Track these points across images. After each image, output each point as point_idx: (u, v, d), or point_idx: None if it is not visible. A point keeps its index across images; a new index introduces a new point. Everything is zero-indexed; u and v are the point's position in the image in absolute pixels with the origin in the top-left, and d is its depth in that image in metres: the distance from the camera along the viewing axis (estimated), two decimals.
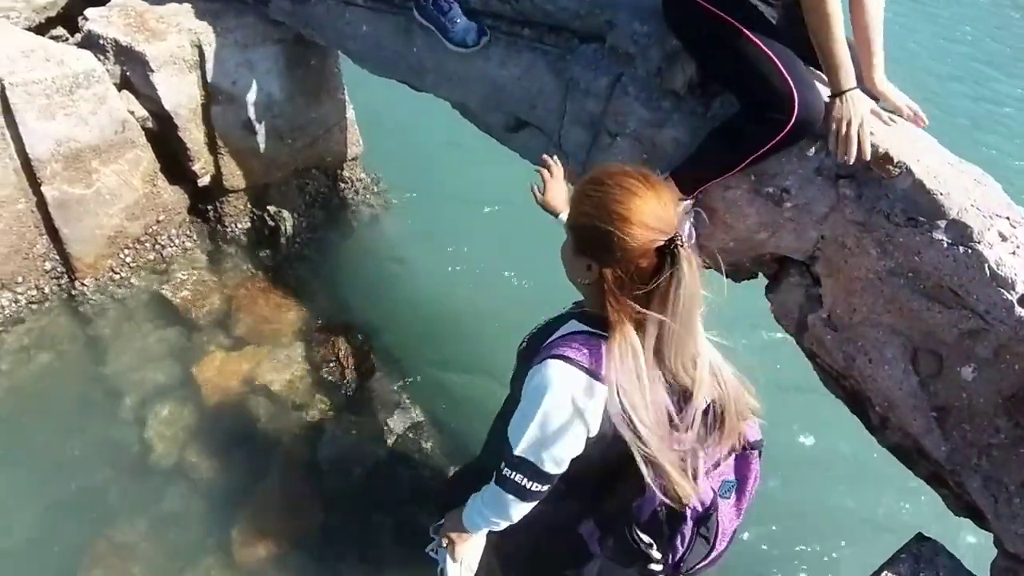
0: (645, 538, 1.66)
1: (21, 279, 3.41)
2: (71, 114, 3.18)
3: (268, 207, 4.05)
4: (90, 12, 3.47)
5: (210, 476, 3.07)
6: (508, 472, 1.59)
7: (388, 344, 3.76)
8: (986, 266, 1.87)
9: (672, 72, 2.32)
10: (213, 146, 3.74)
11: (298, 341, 3.60)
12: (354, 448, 3.19)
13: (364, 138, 4.39)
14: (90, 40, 3.38)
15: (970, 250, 1.88)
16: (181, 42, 3.40)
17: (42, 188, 3.24)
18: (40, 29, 3.57)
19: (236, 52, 3.53)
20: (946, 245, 1.91)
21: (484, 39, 2.73)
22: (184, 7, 3.57)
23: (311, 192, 4.28)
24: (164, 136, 3.62)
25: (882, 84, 2.16)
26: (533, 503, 1.66)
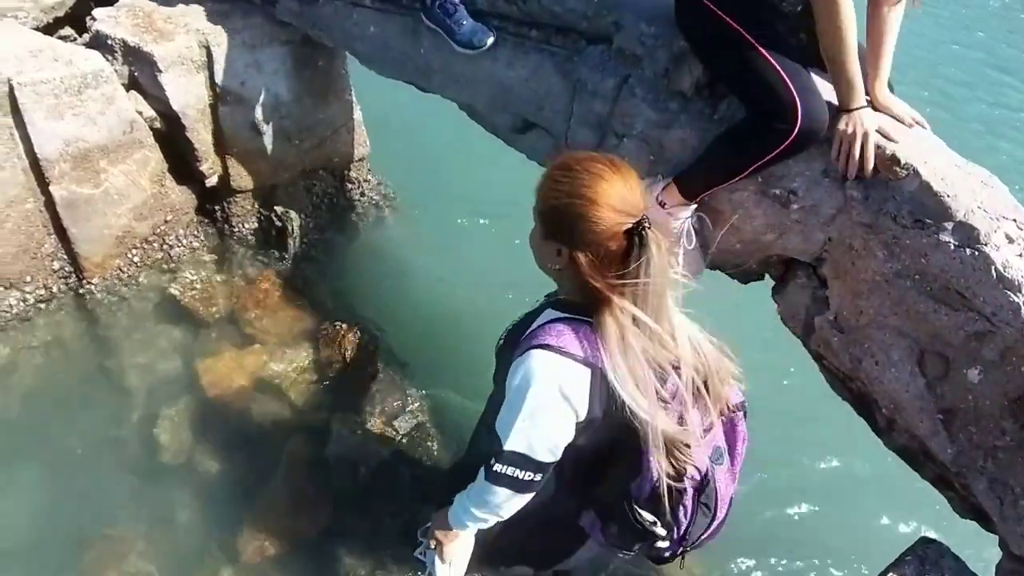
0: (648, 516, 1.68)
1: (29, 278, 3.43)
2: (79, 114, 3.20)
3: (275, 208, 4.06)
4: (98, 12, 3.48)
5: (216, 475, 3.08)
6: (500, 467, 1.59)
7: (394, 345, 3.76)
8: (993, 268, 1.86)
9: (679, 73, 2.32)
10: (221, 147, 3.75)
11: (304, 341, 3.61)
12: (360, 448, 3.19)
13: (371, 139, 4.40)
14: (98, 40, 3.39)
15: (977, 252, 1.88)
16: (189, 43, 3.41)
17: (50, 188, 3.26)
18: (48, 29, 3.59)
19: (244, 53, 3.53)
20: (953, 247, 1.91)
21: (490, 40, 2.73)
22: (192, 8, 3.58)
23: (318, 193, 4.29)
24: (172, 136, 3.63)
25: (883, 96, 2.16)
26: (529, 495, 1.66)
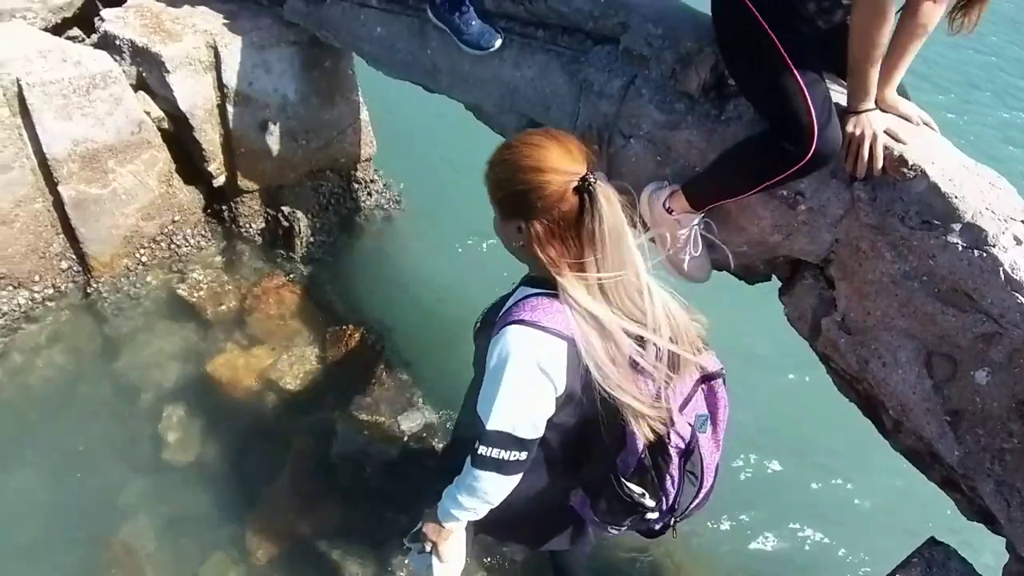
0: (636, 489, 1.69)
1: (38, 278, 3.45)
2: (88, 114, 3.21)
3: (282, 208, 4.07)
4: (106, 13, 3.50)
5: (224, 474, 3.09)
6: (484, 450, 1.61)
7: (400, 344, 3.77)
8: (1001, 270, 1.86)
9: (686, 74, 2.32)
10: (228, 147, 3.76)
11: (311, 340, 3.62)
12: (367, 447, 3.20)
13: (378, 139, 4.40)
14: (106, 41, 3.41)
15: (985, 254, 1.88)
16: (197, 43, 3.42)
17: (59, 188, 3.28)
18: (56, 30, 3.61)
19: (251, 53, 3.55)
20: (961, 248, 1.90)
21: (498, 43, 2.73)
22: (200, 8, 3.61)
23: (325, 193, 4.30)
24: (180, 137, 3.64)
25: (891, 97, 2.15)
26: (516, 476, 1.67)
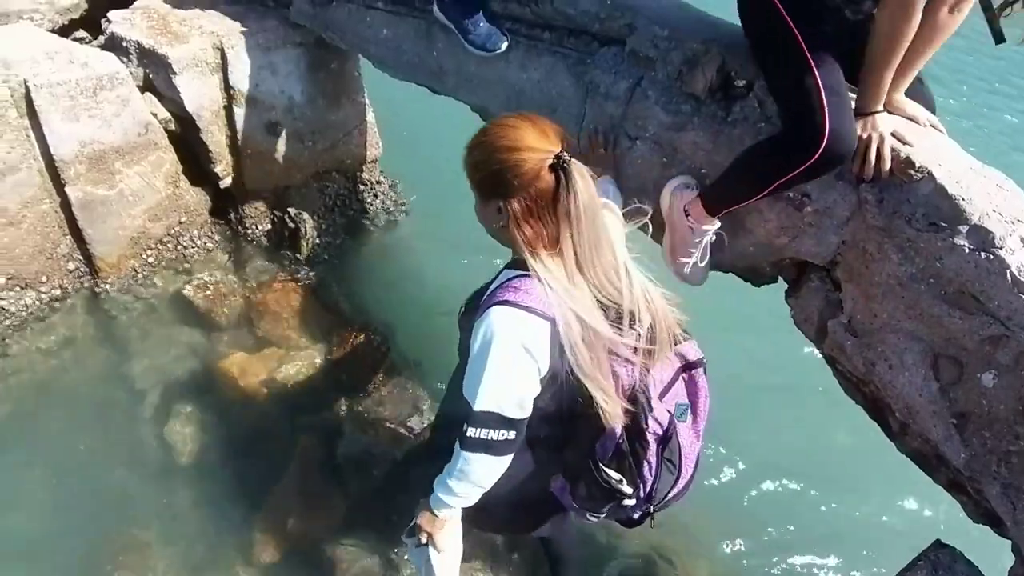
0: (614, 475, 1.71)
1: (45, 278, 3.46)
2: (95, 116, 3.22)
3: (288, 209, 4.08)
4: (113, 15, 3.51)
5: (230, 475, 3.09)
6: (472, 432, 1.63)
7: (406, 346, 3.77)
8: (1008, 272, 1.85)
9: (692, 76, 2.32)
10: (235, 148, 3.77)
11: (317, 342, 3.63)
12: (372, 448, 3.20)
13: (384, 141, 4.41)
14: (113, 42, 3.42)
15: (992, 256, 1.87)
16: (203, 45, 3.43)
17: (66, 189, 3.29)
18: (63, 31, 3.63)
19: (258, 55, 3.56)
20: (967, 250, 1.90)
21: (504, 45, 2.73)
22: (207, 10, 3.62)
23: (331, 194, 4.31)
24: (186, 138, 3.65)
25: (898, 99, 2.14)
26: (506, 458, 1.68)
